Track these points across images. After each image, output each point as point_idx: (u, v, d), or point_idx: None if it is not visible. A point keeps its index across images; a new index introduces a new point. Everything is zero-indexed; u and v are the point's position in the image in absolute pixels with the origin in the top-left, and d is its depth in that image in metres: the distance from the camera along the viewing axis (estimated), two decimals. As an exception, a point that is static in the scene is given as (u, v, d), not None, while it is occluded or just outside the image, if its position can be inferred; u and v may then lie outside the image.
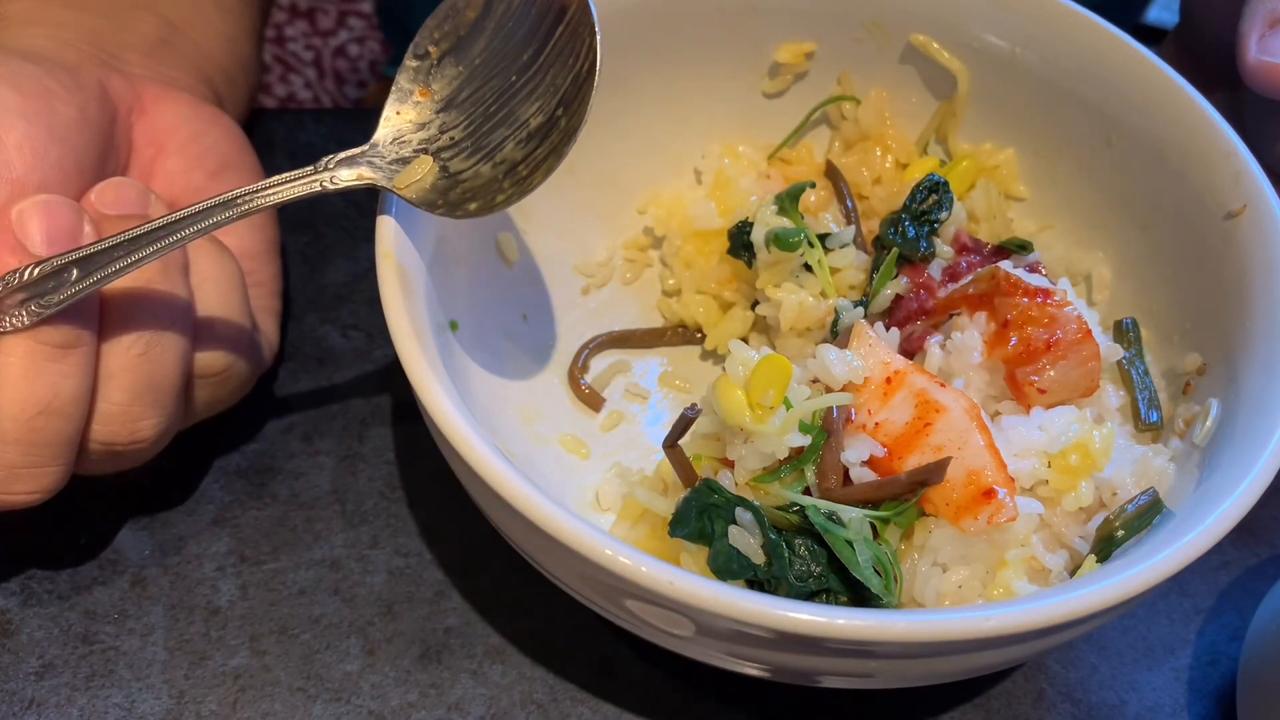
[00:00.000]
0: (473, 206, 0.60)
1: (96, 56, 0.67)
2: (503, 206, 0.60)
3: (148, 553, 0.69)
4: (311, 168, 0.59)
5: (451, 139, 0.61)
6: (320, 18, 2.26)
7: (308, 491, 0.72)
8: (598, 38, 0.58)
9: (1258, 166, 0.65)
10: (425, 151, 0.61)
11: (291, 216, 0.83)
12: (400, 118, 0.62)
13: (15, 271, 0.55)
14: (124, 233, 0.56)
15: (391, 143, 0.62)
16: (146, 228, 0.56)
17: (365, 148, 0.61)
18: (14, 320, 0.55)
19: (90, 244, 0.56)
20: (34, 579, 0.67)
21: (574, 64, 0.59)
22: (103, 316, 0.58)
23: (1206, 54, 0.78)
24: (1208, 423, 0.63)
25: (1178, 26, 0.84)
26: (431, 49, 0.62)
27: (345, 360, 0.78)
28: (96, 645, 0.66)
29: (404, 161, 0.61)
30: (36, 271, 0.55)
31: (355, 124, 0.92)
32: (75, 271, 0.55)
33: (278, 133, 0.88)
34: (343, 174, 0.60)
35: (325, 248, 0.83)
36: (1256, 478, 0.55)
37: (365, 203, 0.85)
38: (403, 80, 0.62)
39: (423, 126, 0.62)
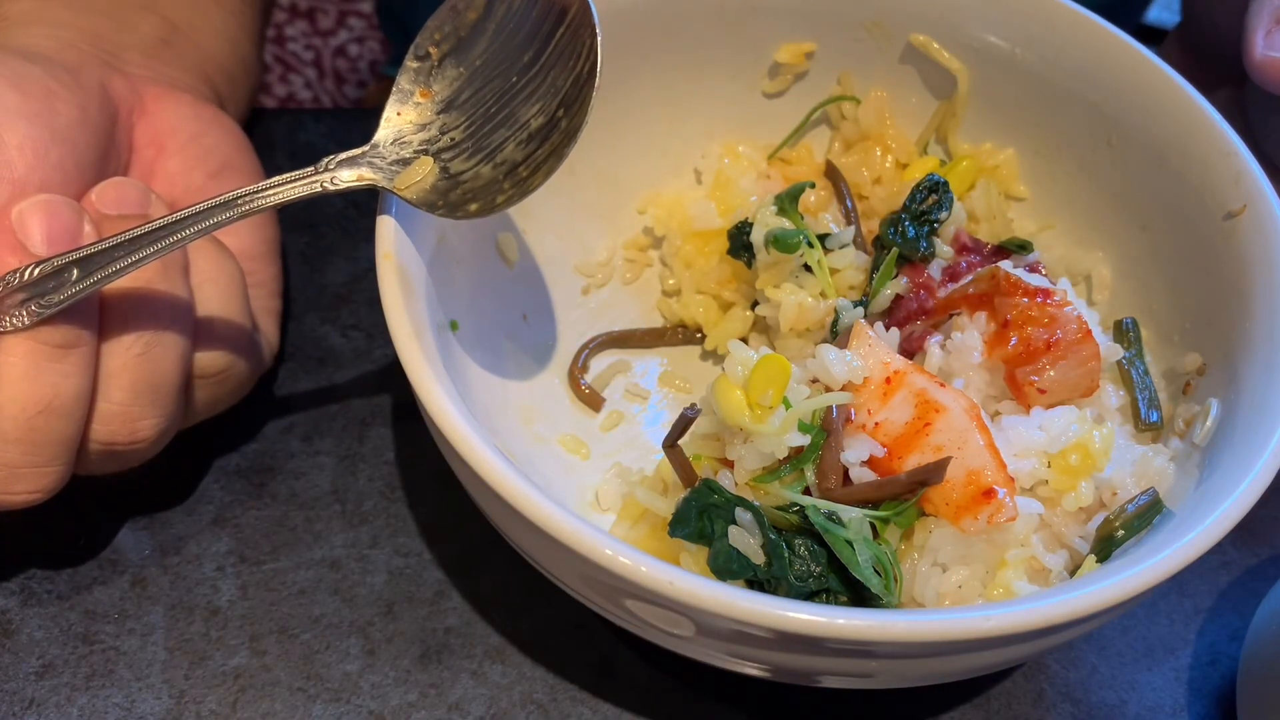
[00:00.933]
0: (473, 207, 0.60)
1: (97, 57, 0.67)
2: (503, 207, 0.60)
3: (148, 553, 0.69)
4: (312, 168, 0.59)
5: (452, 140, 0.61)
6: (320, 18, 2.26)
7: (308, 491, 0.72)
8: (598, 39, 0.58)
9: (1258, 166, 0.65)
10: (426, 152, 0.61)
11: (292, 217, 0.83)
12: (401, 119, 0.62)
13: (15, 271, 0.55)
14: (125, 233, 0.56)
15: (392, 143, 0.62)
16: (147, 228, 0.56)
17: (366, 148, 0.61)
18: (14, 320, 0.55)
19: (91, 244, 0.56)
20: (34, 579, 0.67)
21: (575, 65, 0.59)
22: (103, 316, 0.58)
23: (1210, 51, 0.78)
24: (1208, 423, 0.63)
25: (1180, 24, 0.84)
26: (432, 50, 0.62)
27: (345, 360, 0.78)
28: (96, 645, 0.66)
29: (405, 162, 0.61)
30: (37, 271, 0.55)
31: (355, 124, 0.92)
32: (76, 271, 0.55)
33: (278, 133, 0.88)
34: (344, 175, 0.60)
35: (325, 248, 0.83)
36: (1256, 478, 0.55)
37: (365, 203, 0.85)
38: (403, 81, 0.62)
39: (423, 127, 0.62)
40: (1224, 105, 0.69)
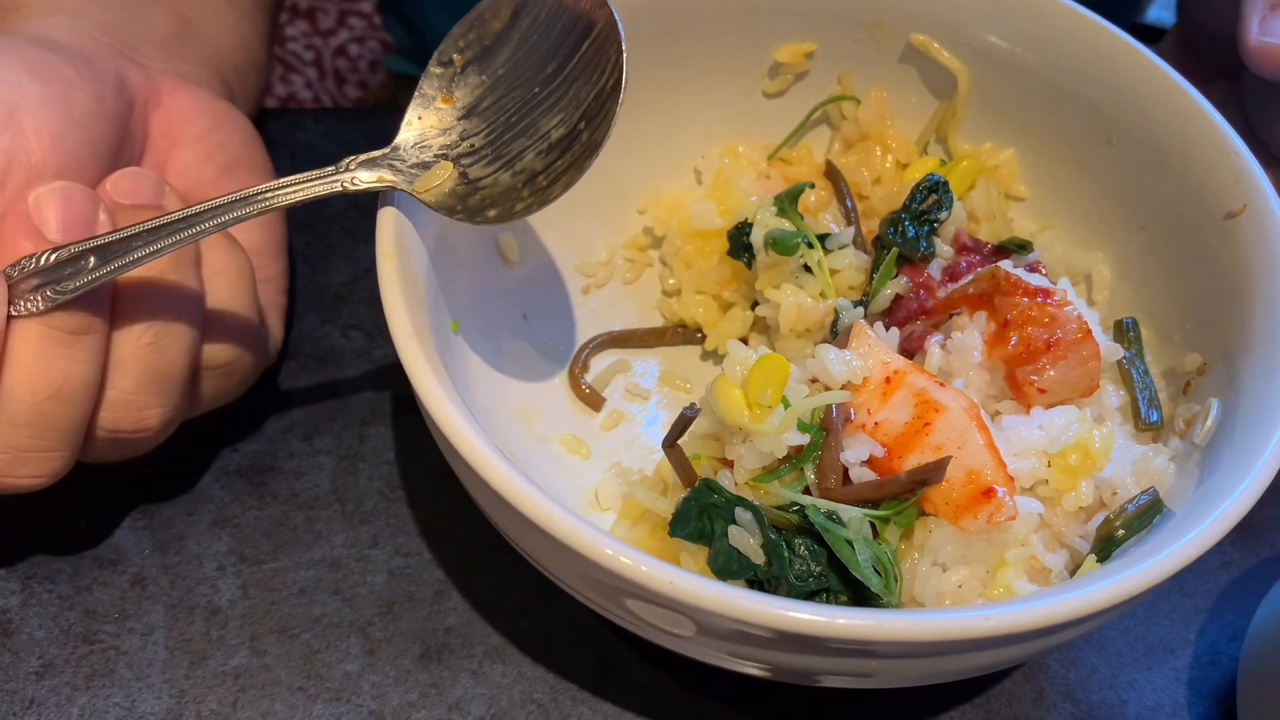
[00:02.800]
0: (491, 213, 0.60)
1: (113, 48, 0.67)
2: (522, 215, 0.60)
3: (148, 552, 0.69)
4: (333, 168, 0.60)
5: (472, 146, 0.62)
6: (320, 17, 2.26)
7: (308, 491, 0.72)
8: (624, 56, 0.58)
9: (1258, 166, 0.65)
10: (445, 157, 0.62)
11: (293, 216, 0.82)
12: (422, 123, 0.63)
13: (31, 257, 0.56)
14: (143, 223, 0.57)
15: (413, 147, 0.62)
16: (165, 220, 0.57)
17: (386, 151, 0.62)
18: (29, 305, 0.56)
19: (109, 233, 0.56)
20: (34, 579, 0.67)
21: (599, 79, 0.59)
22: (114, 305, 0.59)
23: (1207, 45, 0.78)
24: (1208, 423, 0.63)
25: (1178, 22, 0.84)
26: (456, 57, 0.63)
27: (345, 360, 0.78)
28: (96, 645, 0.66)
29: (424, 166, 0.61)
30: (53, 258, 0.56)
31: (355, 124, 0.92)
32: (93, 259, 0.56)
33: (278, 132, 0.88)
34: (363, 175, 0.60)
35: (326, 248, 0.83)
36: (1256, 478, 0.55)
37: (366, 203, 0.85)
38: (426, 86, 0.63)
39: (444, 132, 0.62)
40: (1221, 99, 0.69)
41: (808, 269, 0.72)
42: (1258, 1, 0.67)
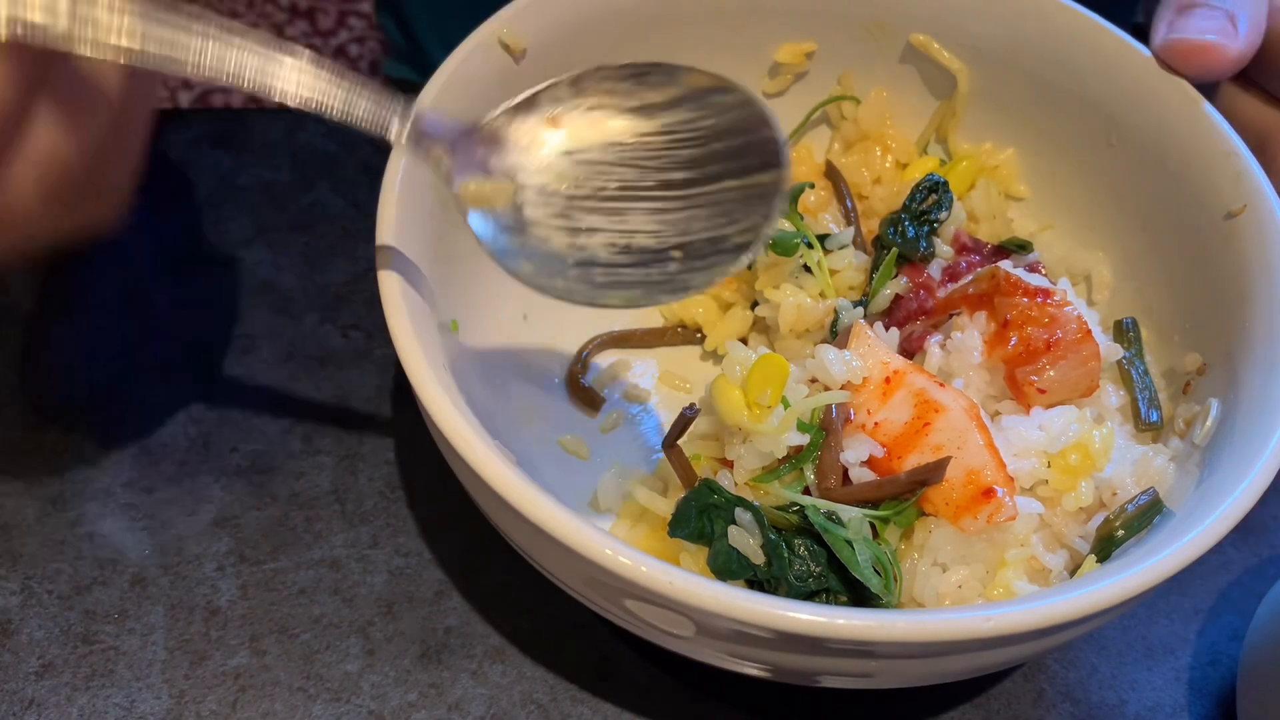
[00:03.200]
0: (526, 267, 0.54)
1: None
2: (561, 296, 0.53)
3: (148, 553, 0.69)
4: (393, 116, 0.51)
5: (543, 184, 0.54)
6: (320, 18, 2.26)
7: (308, 491, 0.72)
8: (769, 224, 0.51)
9: (1258, 166, 0.65)
10: (513, 179, 0.54)
11: (292, 216, 0.83)
12: (512, 128, 0.54)
13: None
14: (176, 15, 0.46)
15: (485, 142, 0.54)
16: (199, 35, 0.47)
17: (461, 126, 0.53)
18: None
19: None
20: (34, 579, 0.67)
21: (723, 227, 0.52)
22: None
23: None
24: (1208, 423, 0.63)
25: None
26: (591, 91, 0.54)
27: (345, 360, 0.78)
28: (96, 645, 0.66)
29: (486, 170, 0.53)
30: None
31: (355, 124, 0.92)
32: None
33: (278, 132, 0.88)
34: (416, 141, 0.52)
35: (325, 248, 0.83)
36: (1256, 478, 0.55)
37: (366, 203, 0.85)
38: (544, 98, 0.54)
39: (526, 150, 0.54)
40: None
41: (807, 269, 0.72)
42: (1166, 9, 0.69)
